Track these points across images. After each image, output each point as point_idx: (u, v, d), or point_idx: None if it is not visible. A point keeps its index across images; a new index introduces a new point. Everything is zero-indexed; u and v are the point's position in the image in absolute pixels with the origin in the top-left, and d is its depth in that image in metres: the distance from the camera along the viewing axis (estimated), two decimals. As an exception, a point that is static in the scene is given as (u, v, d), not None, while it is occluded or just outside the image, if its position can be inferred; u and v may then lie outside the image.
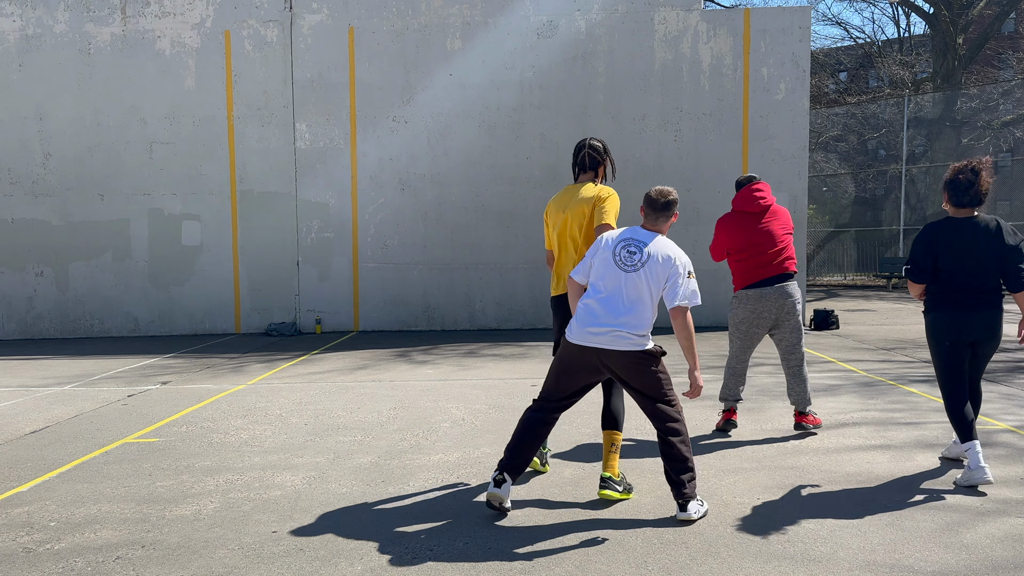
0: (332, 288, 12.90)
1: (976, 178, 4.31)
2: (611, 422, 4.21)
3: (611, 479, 4.13)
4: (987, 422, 5.78)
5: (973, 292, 4.33)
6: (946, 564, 3.33)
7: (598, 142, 4.47)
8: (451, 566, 3.40)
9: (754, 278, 5.40)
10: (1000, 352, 9.36)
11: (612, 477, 4.14)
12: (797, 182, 12.63)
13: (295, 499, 4.32)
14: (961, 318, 4.35)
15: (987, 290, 4.33)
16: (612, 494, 4.12)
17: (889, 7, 29.81)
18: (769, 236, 5.41)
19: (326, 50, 12.67)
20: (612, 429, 4.19)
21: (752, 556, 3.44)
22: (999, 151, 24.98)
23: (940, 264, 4.37)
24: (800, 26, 12.59)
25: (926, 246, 4.40)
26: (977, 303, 4.33)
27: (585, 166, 4.45)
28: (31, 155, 12.71)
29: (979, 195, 4.32)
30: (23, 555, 3.62)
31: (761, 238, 5.40)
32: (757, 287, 5.40)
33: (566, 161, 12.75)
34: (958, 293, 4.35)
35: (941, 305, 4.41)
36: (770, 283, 5.39)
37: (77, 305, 12.80)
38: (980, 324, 4.33)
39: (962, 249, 4.32)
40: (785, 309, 5.41)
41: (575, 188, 4.44)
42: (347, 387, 7.79)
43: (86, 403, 7.16)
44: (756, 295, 5.40)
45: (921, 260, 4.41)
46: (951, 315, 4.37)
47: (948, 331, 4.38)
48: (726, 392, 5.71)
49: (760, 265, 5.40)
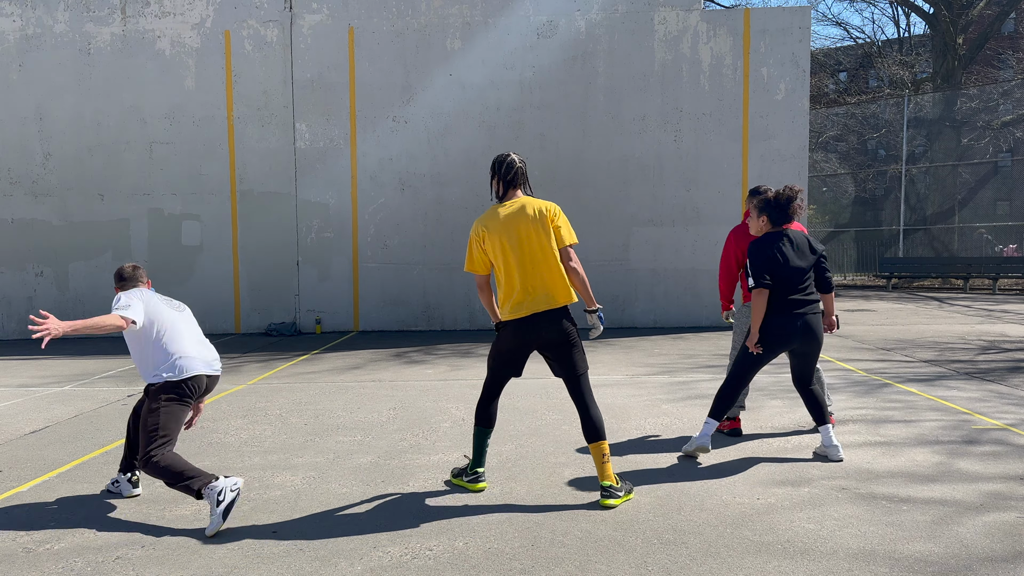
0: (332, 288, 12.90)
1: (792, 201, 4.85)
2: (594, 434, 4.19)
3: (611, 487, 4.13)
4: (983, 420, 5.79)
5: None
6: (943, 558, 3.35)
7: (518, 156, 4.34)
8: (451, 566, 3.40)
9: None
10: (997, 352, 9.36)
11: (612, 485, 4.14)
12: (797, 182, 12.62)
13: (295, 499, 4.33)
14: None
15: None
16: (616, 501, 4.11)
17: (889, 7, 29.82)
18: None
19: (326, 50, 12.67)
20: (598, 440, 4.18)
21: (752, 555, 3.45)
22: (999, 151, 24.99)
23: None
24: (800, 26, 12.59)
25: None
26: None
27: (516, 182, 4.30)
28: (31, 155, 12.72)
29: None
30: (23, 555, 3.62)
31: None
32: None
33: (566, 161, 12.79)
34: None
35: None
36: None
37: (77, 305, 12.81)
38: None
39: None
40: None
41: (518, 203, 4.25)
42: (347, 387, 7.79)
43: (86, 403, 7.16)
44: None
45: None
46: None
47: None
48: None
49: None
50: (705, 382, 7.72)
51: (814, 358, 4.93)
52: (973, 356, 9.07)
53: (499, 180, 4.29)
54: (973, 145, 24.71)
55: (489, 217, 4.26)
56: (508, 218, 4.22)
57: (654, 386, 7.56)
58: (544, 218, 4.20)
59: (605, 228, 12.76)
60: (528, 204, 4.24)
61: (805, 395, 4.97)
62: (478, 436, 4.43)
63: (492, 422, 4.43)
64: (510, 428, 5.87)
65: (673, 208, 12.74)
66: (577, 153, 12.74)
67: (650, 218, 12.79)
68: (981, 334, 11.14)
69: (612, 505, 4.10)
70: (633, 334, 11.93)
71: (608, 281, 12.83)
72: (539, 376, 8.22)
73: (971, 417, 5.96)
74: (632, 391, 7.30)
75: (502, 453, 5.17)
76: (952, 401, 6.55)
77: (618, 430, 5.77)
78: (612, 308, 12.88)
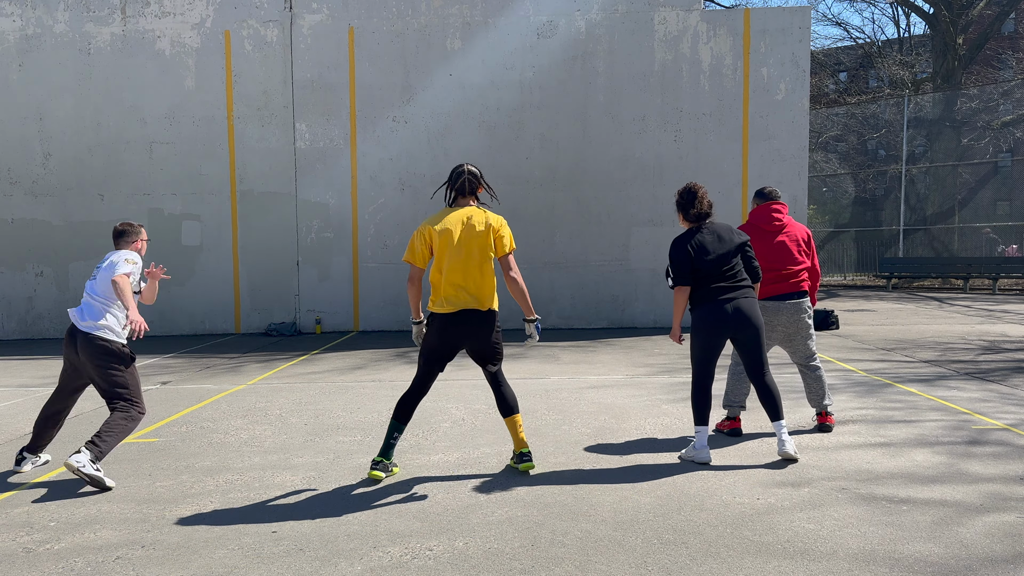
0: (332, 288, 12.90)
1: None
2: (508, 410, 4.66)
3: (527, 452, 4.68)
4: (984, 421, 5.79)
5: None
6: (944, 560, 3.34)
7: (475, 168, 4.68)
8: (451, 566, 3.40)
9: (768, 293, 5.45)
10: (998, 352, 9.37)
11: (527, 451, 4.69)
12: (797, 182, 12.63)
13: (295, 499, 4.33)
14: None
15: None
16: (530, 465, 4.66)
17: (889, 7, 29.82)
18: (787, 255, 5.49)
19: (326, 50, 12.67)
20: (512, 415, 4.66)
21: (752, 555, 3.45)
22: (999, 151, 24.98)
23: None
24: (800, 26, 12.59)
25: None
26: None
27: (465, 191, 4.65)
28: (31, 155, 12.72)
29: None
30: (23, 555, 3.62)
31: (780, 255, 5.49)
32: (773, 300, 5.46)
33: (566, 161, 12.79)
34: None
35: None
36: (783, 299, 5.46)
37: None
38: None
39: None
40: (799, 325, 5.50)
41: (464, 212, 4.60)
42: (347, 387, 7.79)
43: (86, 403, 7.16)
44: (773, 307, 5.45)
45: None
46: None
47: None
48: (730, 398, 5.66)
49: (775, 280, 5.47)
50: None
51: (756, 344, 4.90)
52: (973, 356, 9.07)
53: (450, 188, 4.68)
54: (973, 145, 24.70)
55: (438, 218, 4.62)
56: (454, 221, 4.57)
57: (654, 386, 7.55)
58: (489, 229, 4.56)
59: (605, 228, 12.76)
60: (475, 214, 4.60)
61: (759, 388, 4.95)
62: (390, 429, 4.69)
63: (408, 418, 4.69)
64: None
65: (673, 208, 12.65)
66: (577, 153, 12.74)
67: (650, 218, 12.79)
68: (981, 334, 11.14)
69: (529, 468, 4.68)
70: (633, 334, 11.93)
71: (608, 281, 12.83)
72: (539, 376, 8.23)
73: (972, 417, 5.96)
74: (632, 391, 7.30)
75: (503, 453, 5.17)
76: (953, 401, 6.55)
77: (618, 430, 5.77)
78: (612, 308, 12.88)
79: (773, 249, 5.49)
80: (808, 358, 5.59)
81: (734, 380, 5.63)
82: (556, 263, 12.85)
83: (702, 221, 4.96)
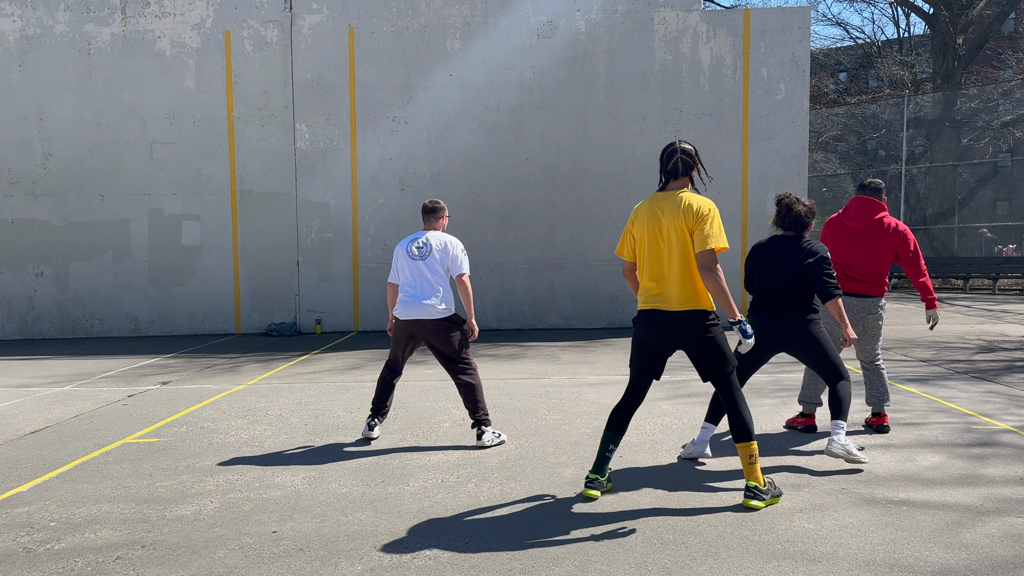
0: (332, 288, 12.90)
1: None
2: (742, 434, 4.06)
3: (756, 488, 4.02)
4: (987, 422, 5.79)
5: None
6: (946, 563, 3.34)
7: (689, 145, 4.15)
8: (451, 566, 3.40)
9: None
10: (999, 352, 9.36)
11: (757, 486, 4.02)
12: (797, 182, 12.63)
13: (295, 499, 4.33)
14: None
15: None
16: (758, 504, 4.00)
17: (889, 7, 29.82)
18: (859, 256, 5.47)
19: (326, 50, 12.67)
20: (744, 441, 4.05)
21: (752, 556, 3.45)
22: (999, 151, 24.98)
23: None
24: (800, 26, 12.59)
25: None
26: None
27: (677, 172, 4.12)
28: (31, 155, 12.71)
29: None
30: (23, 555, 3.62)
31: (851, 256, 5.49)
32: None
33: (566, 161, 12.79)
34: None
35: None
36: (849, 297, 5.45)
37: (77, 305, 12.80)
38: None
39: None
40: (864, 324, 5.49)
41: (670, 196, 4.11)
42: (347, 387, 7.79)
43: (86, 403, 7.16)
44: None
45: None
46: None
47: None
48: (805, 395, 5.66)
49: (843, 279, 5.47)
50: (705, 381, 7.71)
51: (806, 357, 4.91)
52: (972, 356, 9.07)
53: (661, 168, 4.19)
54: (973, 145, 24.70)
55: (644, 202, 4.28)
56: (656, 206, 4.16)
57: (653, 386, 7.54)
58: (690, 215, 4.04)
59: (605, 228, 12.76)
60: (684, 197, 4.09)
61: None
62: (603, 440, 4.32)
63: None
64: (510, 428, 5.87)
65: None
66: (577, 153, 12.74)
67: (650, 218, 12.77)
68: (981, 334, 11.14)
69: (755, 506, 4.00)
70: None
71: (608, 281, 12.82)
72: (540, 376, 8.23)
73: (973, 418, 5.96)
74: (632, 391, 7.29)
75: (502, 453, 5.17)
76: (953, 402, 6.55)
77: (618, 430, 5.77)
78: (612, 308, 12.87)
79: (850, 248, 5.49)
80: (871, 358, 5.56)
81: (812, 379, 5.63)
82: (556, 263, 12.85)
83: (786, 231, 4.90)
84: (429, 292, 5.32)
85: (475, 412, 5.37)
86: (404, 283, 5.41)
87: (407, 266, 5.38)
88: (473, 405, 5.38)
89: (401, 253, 5.44)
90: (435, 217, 5.53)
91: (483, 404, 5.40)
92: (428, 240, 5.42)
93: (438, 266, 5.36)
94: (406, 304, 5.36)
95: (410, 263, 5.37)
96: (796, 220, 4.84)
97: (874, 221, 5.53)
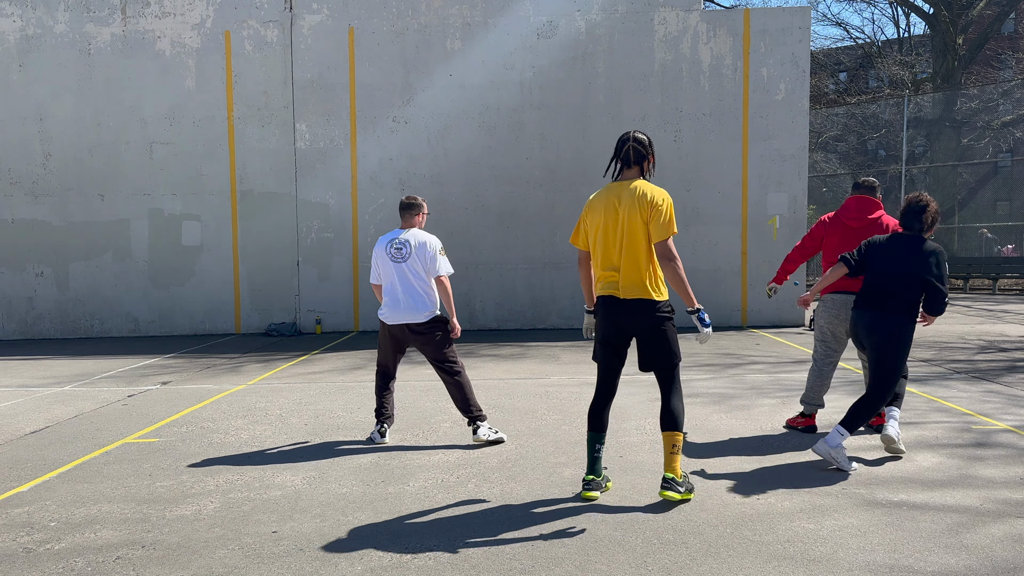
0: (332, 288, 12.90)
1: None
2: (671, 423, 4.10)
3: (673, 480, 4.07)
4: (987, 422, 5.79)
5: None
6: (946, 565, 3.33)
7: (643, 135, 4.19)
8: (451, 566, 3.40)
9: (842, 287, 5.35)
10: (999, 352, 9.36)
11: (675, 478, 4.07)
12: (797, 182, 12.64)
13: (295, 499, 4.33)
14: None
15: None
16: (673, 495, 4.04)
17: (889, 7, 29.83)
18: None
19: (326, 50, 12.67)
20: (672, 430, 4.09)
21: (752, 556, 3.45)
22: (999, 151, 24.98)
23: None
24: (800, 26, 12.59)
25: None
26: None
27: (630, 160, 4.16)
28: (31, 155, 12.71)
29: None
30: (23, 555, 3.62)
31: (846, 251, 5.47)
32: (841, 294, 5.40)
33: (566, 161, 12.78)
34: None
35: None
36: (850, 295, 5.37)
37: (77, 305, 12.80)
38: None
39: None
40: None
41: (625, 185, 4.14)
42: (347, 387, 7.79)
43: (86, 403, 7.16)
44: (841, 301, 5.41)
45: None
46: None
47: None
48: (808, 396, 5.65)
49: (842, 278, 5.38)
50: (705, 381, 7.72)
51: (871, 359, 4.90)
52: (972, 356, 9.07)
53: (613, 156, 4.24)
54: (973, 145, 24.70)
55: (597, 194, 4.32)
56: (610, 196, 4.21)
57: (654, 385, 7.54)
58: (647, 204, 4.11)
59: (605, 228, 12.74)
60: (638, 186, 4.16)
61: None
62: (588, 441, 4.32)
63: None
64: (510, 428, 5.87)
65: (673, 208, 12.72)
66: (577, 153, 12.74)
67: (650, 218, 12.77)
68: (981, 334, 11.14)
69: (670, 497, 4.05)
70: (633, 334, 11.90)
71: (608, 281, 12.80)
72: (540, 376, 8.23)
73: (974, 418, 5.96)
74: (632, 390, 7.28)
75: (502, 453, 5.17)
76: (954, 402, 6.55)
77: (618, 430, 5.77)
78: (612, 308, 12.85)
79: (845, 245, 5.48)
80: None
81: (816, 379, 5.60)
82: (556, 263, 12.84)
83: (905, 229, 4.87)
84: (413, 296, 5.33)
85: (467, 411, 5.40)
86: (387, 287, 5.39)
87: (389, 269, 5.37)
88: (464, 404, 5.40)
89: (380, 253, 5.41)
90: (412, 213, 5.47)
91: (474, 401, 5.42)
92: (406, 240, 5.37)
93: (419, 268, 5.34)
94: (391, 308, 5.37)
95: (391, 266, 5.36)
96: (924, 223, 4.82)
97: (872, 220, 5.53)
